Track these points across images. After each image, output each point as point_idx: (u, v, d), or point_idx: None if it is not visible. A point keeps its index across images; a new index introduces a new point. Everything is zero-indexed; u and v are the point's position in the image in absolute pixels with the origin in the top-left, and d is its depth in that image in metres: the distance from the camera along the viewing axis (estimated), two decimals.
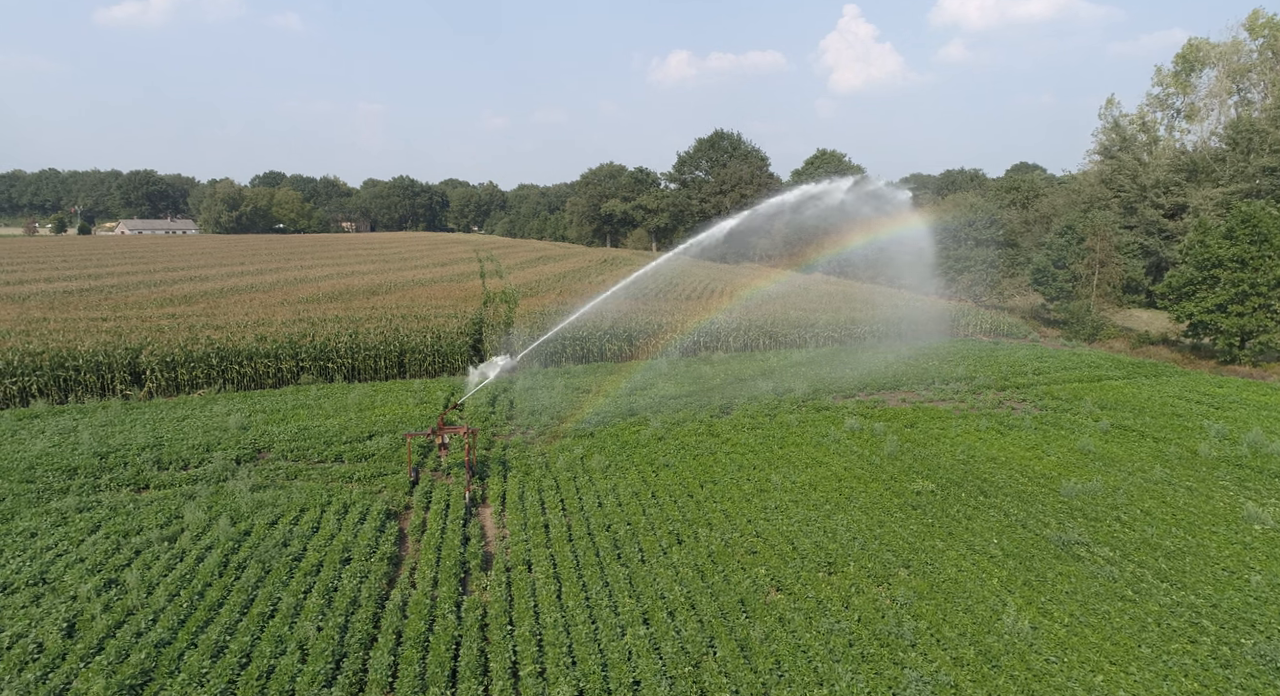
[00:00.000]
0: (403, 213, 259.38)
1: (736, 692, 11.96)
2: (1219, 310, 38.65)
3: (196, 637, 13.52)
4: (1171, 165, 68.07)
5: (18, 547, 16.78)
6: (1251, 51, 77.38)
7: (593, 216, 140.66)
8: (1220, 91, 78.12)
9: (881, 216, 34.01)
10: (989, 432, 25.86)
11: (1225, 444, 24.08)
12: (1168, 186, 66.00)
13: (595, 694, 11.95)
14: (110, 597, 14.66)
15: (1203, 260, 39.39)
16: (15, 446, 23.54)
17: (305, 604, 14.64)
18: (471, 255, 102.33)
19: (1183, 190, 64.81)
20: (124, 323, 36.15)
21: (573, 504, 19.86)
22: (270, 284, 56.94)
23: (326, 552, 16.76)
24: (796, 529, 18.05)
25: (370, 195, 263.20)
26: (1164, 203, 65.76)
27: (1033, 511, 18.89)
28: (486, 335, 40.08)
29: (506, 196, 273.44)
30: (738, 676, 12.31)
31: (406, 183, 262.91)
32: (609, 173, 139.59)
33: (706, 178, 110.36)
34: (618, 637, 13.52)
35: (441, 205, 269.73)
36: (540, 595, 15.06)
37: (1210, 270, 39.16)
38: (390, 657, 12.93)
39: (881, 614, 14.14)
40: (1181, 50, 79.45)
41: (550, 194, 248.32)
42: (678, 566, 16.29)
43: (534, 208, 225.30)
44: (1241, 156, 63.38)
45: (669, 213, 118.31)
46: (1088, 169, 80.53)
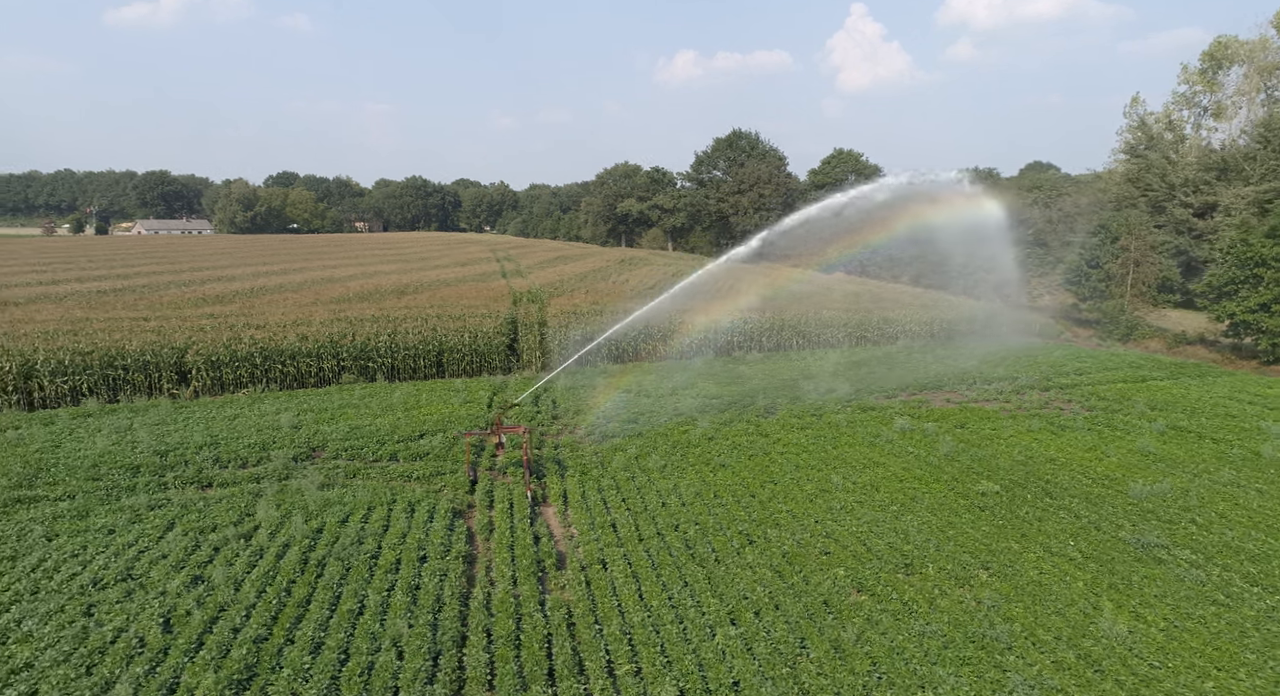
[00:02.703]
0: (415, 212, 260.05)
1: (838, 694, 11.87)
2: (1262, 309, 38.29)
3: (292, 633, 13.59)
4: (1200, 164, 67.54)
5: (100, 544, 16.91)
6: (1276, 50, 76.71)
7: (608, 216, 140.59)
8: (1248, 89, 77.35)
9: (943, 205, 33.49)
10: (1042, 433, 25.69)
11: None
12: (1197, 185, 65.48)
13: (696, 694, 11.90)
14: (200, 594, 14.76)
15: (1245, 259, 39.04)
16: (76, 444, 23.67)
17: (391, 601, 14.68)
18: (489, 255, 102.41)
19: (1213, 189, 64.28)
20: (165, 322, 36.27)
21: (635, 503, 19.82)
22: (298, 284, 57.11)
23: (402, 551, 16.78)
24: (866, 530, 17.95)
25: (383, 195, 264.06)
26: (1193, 202, 65.24)
27: (1104, 513, 18.73)
28: (522, 335, 40.06)
29: (518, 196, 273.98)
30: (837, 678, 12.23)
31: (419, 183, 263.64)
32: (624, 172, 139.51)
33: (724, 177, 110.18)
34: (708, 637, 13.47)
35: (454, 205, 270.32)
36: (622, 594, 15.03)
37: (1253, 269, 38.80)
38: (485, 655, 12.94)
39: (970, 616, 14.04)
40: (1209, 48, 78.69)
41: (562, 194, 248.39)
42: (753, 566, 16.23)
43: (546, 207, 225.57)
44: (1273, 155, 62.82)
45: (686, 212, 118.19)
46: (1113, 168, 80.00)
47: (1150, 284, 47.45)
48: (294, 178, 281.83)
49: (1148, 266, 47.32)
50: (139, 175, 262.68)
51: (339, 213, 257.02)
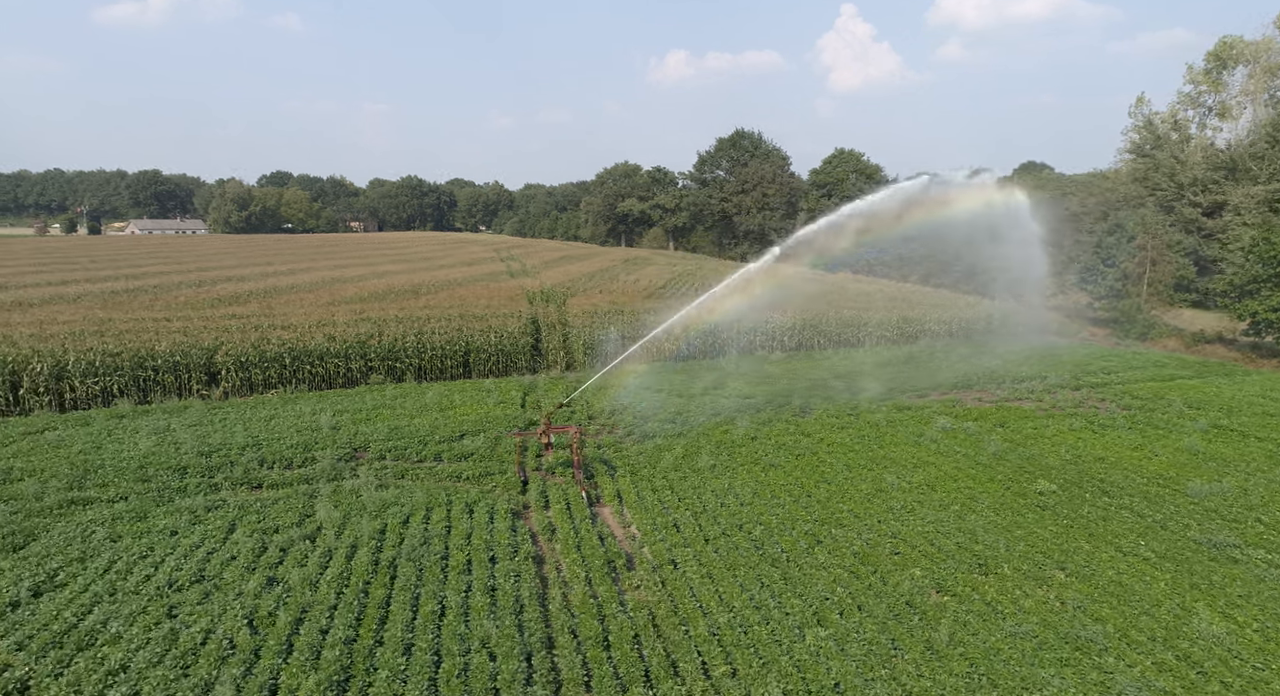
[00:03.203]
0: (411, 212, 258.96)
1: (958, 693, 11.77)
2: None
3: (380, 635, 13.49)
4: (1208, 163, 67.92)
5: (166, 546, 16.77)
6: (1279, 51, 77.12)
7: (608, 216, 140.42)
8: (1253, 89, 77.82)
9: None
10: (1085, 432, 25.69)
11: None
12: (1206, 184, 65.83)
13: (798, 695, 11.77)
14: (279, 595, 14.63)
15: (1269, 258, 39.21)
16: (118, 446, 23.39)
17: (471, 603, 14.58)
18: (493, 255, 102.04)
19: (1221, 188, 64.64)
20: (189, 323, 35.91)
21: (693, 503, 19.69)
22: (310, 284, 56.70)
23: (470, 552, 16.67)
24: (932, 530, 17.87)
25: (378, 195, 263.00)
26: (1202, 201, 65.59)
27: (1166, 512, 18.71)
28: (545, 335, 39.86)
29: (514, 196, 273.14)
30: (938, 679, 12.14)
31: (414, 182, 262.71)
32: (624, 172, 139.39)
33: (727, 177, 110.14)
34: (798, 638, 13.37)
35: (449, 204, 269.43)
36: (700, 595, 14.93)
37: (1277, 268, 38.97)
38: (578, 656, 12.88)
39: (1058, 616, 13.97)
40: (1214, 48, 79.00)
41: (557, 193, 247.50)
42: (827, 567, 16.13)
43: (543, 207, 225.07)
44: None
45: (689, 212, 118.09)
46: (1119, 167, 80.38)
47: (1167, 283, 47.64)
48: (288, 177, 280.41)
49: (1164, 265, 47.52)
50: (131, 175, 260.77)
51: (334, 212, 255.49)
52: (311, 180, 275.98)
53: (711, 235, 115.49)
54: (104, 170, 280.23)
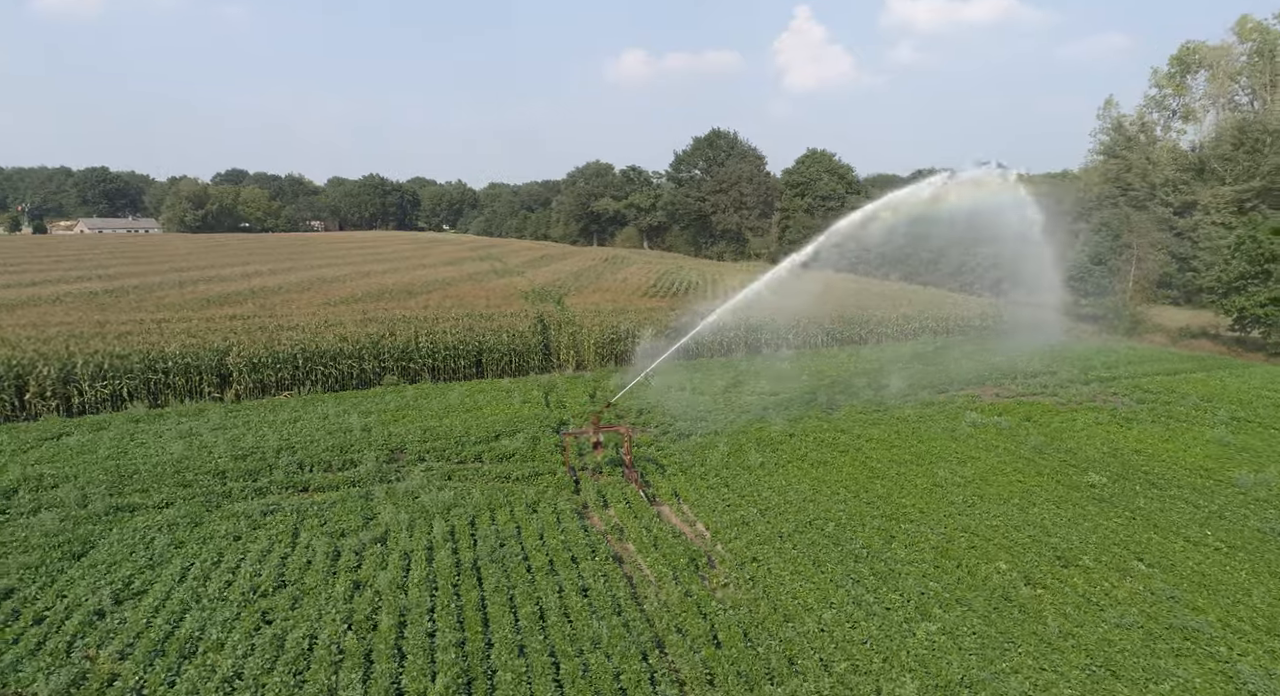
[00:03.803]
0: (374, 211, 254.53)
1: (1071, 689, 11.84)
2: (1273, 303, 39.82)
3: (488, 637, 13.32)
4: (1177, 164, 70.08)
5: (236, 551, 16.35)
6: (1240, 55, 79.97)
7: (580, 215, 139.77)
8: (1214, 93, 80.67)
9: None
10: (1111, 425, 26.24)
11: None
12: (1176, 185, 67.90)
13: (932, 690, 11.75)
14: (370, 598, 14.35)
15: (1256, 255, 40.56)
16: (145, 450, 22.57)
17: (568, 603, 14.42)
18: (470, 254, 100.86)
19: (1191, 189, 66.75)
20: (189, 324, 34.78)
21: (755, 500, 19.65)
22: (298, 283, 55.31)
23: (549, 553, 16.48)
24: (1001, 523, 18.06)
25: (340, 194, 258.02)
26: (1173, 201, 67.61)
27: (1219, 503, 19.19)
28: (553, 335, 39.43)
29: (478, 195, 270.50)
30: (1062, 672, 12.29)
31: (377, 181, 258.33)
32: (596, 171, 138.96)
33: (704, 176, 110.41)
34: (908, 633, 13.38)
35: (412, 204, 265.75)
36: (795, 590, 14.92)
37: (1264, 265, 40.34)
38: (694, 655, 12.77)
39: (1156, 607, 14.22)
40: (1177, 52, 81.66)
41: (522, 193, 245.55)
42: (910, 561, 16.19)
43: (510, 207, 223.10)
44: (1247, 156, 65.53)
45: (665, 211, 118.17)
46: (1090, 167, 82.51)
47: (1152, 280, 49.00)
48: (244, 175, 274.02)
49: (1150, 263, 48.87)
50: (78, 172, 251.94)
51: (293, 211, 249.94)
52: (269, 178, 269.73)
53: (687, 234, 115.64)
54: (46, 167, 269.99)
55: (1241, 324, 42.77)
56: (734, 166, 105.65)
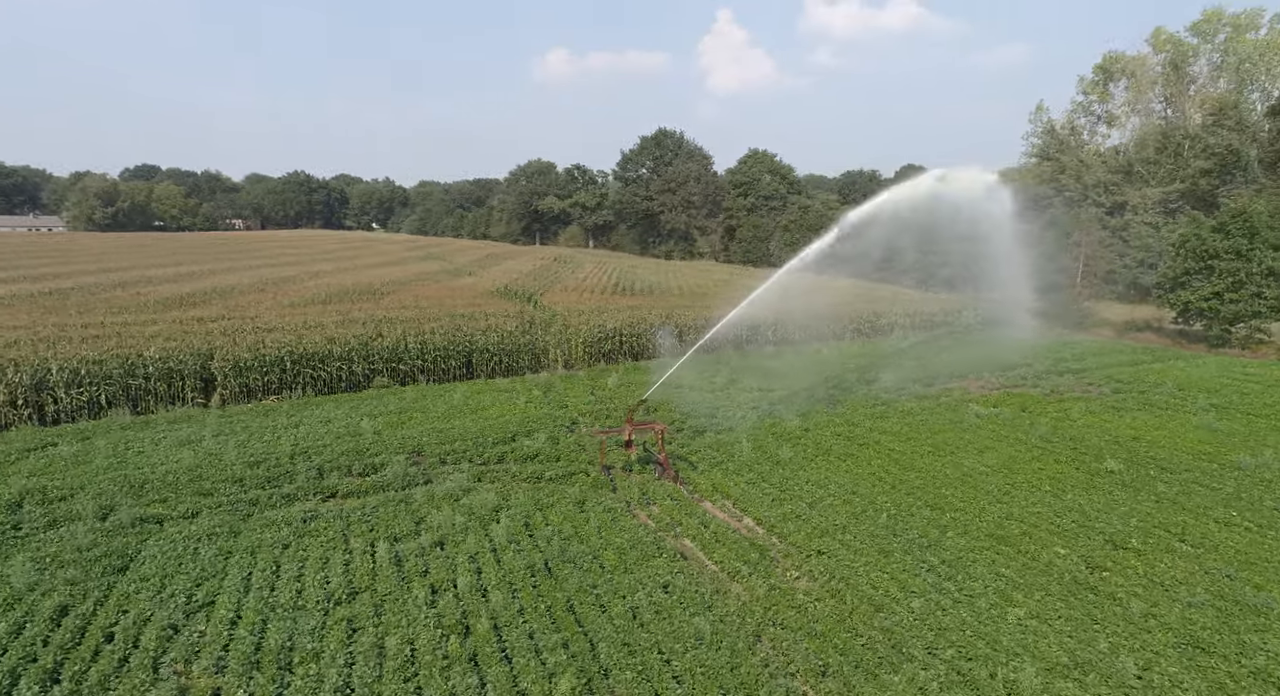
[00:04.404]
0: (299, 209, 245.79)
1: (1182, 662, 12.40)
2: (1215, 298, 42.48)
3: (589, 636, 13.21)
4: (1107, 167, 74.08)
5: (293, 559, 15.86)
6: (1156, 65, 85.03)
7: (522, 213, 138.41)
8: (1134, 101, 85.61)
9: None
10: (1104, 414, 27.52)
11: None
12: (1108, 186, 71.76)
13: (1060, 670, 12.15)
14: (453, 602, 14.14)
15: (1200, 252, 43.17)
16: (148, 459, 21.51)
17: (656, 600, 14.42)
18: (416, 253, 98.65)
19: (1121, 190, 70.66)
20: (157, 328, 32.93)
21: (796, 493, 19.88)
22: (250, 284, 52.93)
23: (617, 551, 16.37)
24: (1043, 509, 18.76)
25: (262, 191, 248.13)
26: (1105, 201, 71.44)
27: (1232, 485, 20.35)
28: (540, 335, 38.91)
29: (409, 193, 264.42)
30: (1160, 651, 12.85)
31: (302, 178, 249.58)
32: (538, 169, 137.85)
33: (651, 175, 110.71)
34: (1000, 618, 13.76)
35: (340, 202, 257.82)
36: (873, 581, 15.15)
37: (1207, 261, 42.97)
38: (799, 646, 12.96)
39: (1219, 585, 15.00)
40: (1101, 61, 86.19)
41: (454, 191, 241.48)
42: (971, 550, 16.66)
43: (444, 205, 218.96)
44: (1170, 159, 69.84)
45: (612, 210, 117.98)
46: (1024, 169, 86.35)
47: (1099, 276, 51.63)
48: (156, 171, 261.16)
49: (1097, 260, 51.47)
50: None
51: (212, 209, 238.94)
52: (184, 174, 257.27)
53: (634, 233, 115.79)
54: None
55: (1185, 317, 45.46)
56: (681, 166, 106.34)
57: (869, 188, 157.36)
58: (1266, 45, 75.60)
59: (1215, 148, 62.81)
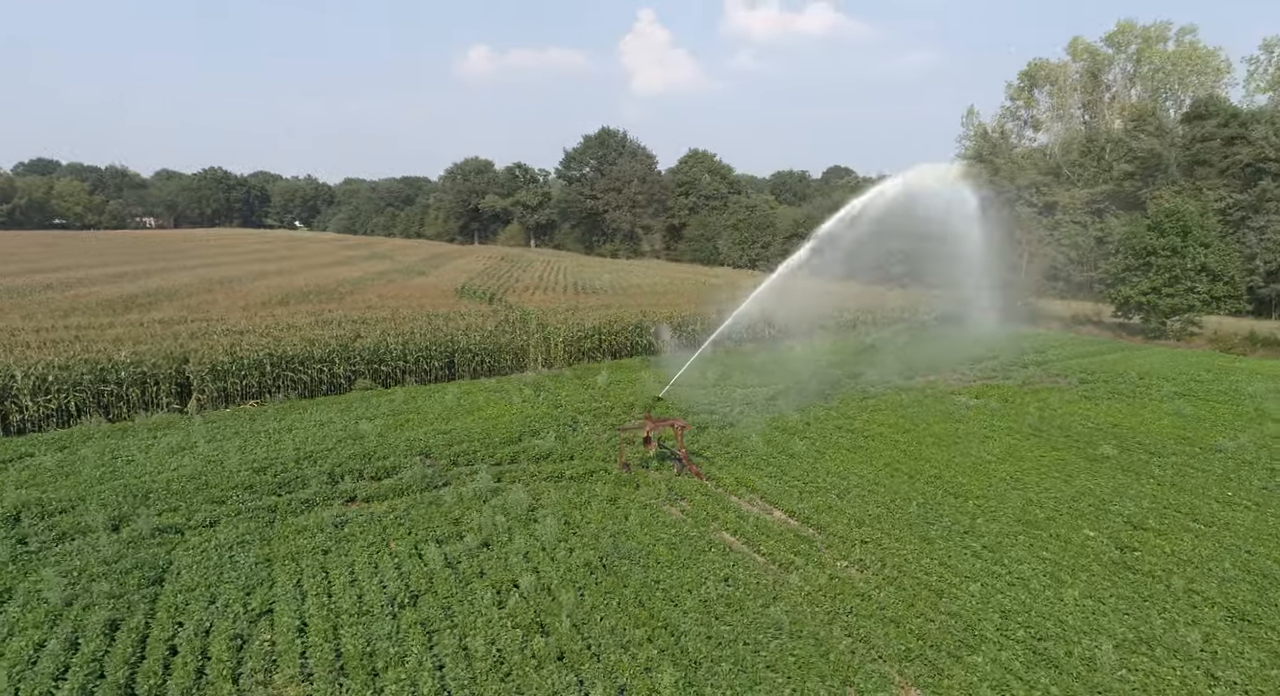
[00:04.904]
0: (216, 207, 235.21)
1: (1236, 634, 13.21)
2: (1154, 292, 45.20)
3: (672, 629, 13.25)
4: (1036, 169, 77.86)
5: (339, 566, 15.36)
6: (1075, 72, 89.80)
7: (460, 212, 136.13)
8: (1057, 106, 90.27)
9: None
10: (1082, 403, 28.97)
11: (1271, 402, 28.62)
12: (1039, 187, 75.40)
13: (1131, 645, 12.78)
14: (522, 602, 13.93)
15: (1139, 250, 45.84)
16: (141, 469, 20.55)
17: (726, 593, 14.55)
18: (355, 253, 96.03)
19: (1052, 191, 74.36)
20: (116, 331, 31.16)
21: (821, 485, 20.20)
22: (197, 285, 50.53)
23: (669, 547, 16.44)
24: (1058, 494, 19.62)
25: (176, 188, 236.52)
26: (1036, 202, 75.06)
27: (1219, 467, 21.65)
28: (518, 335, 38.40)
29: (334, 191, 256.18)
30: (1214, 623, 13.63)
31: (219, 174, 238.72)
32: (476, 168, 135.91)
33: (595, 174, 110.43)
34: (1057, 600, 14.33)
35: (260, 199, 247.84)
36: (926, 567, 15.57)
37: (1145, 258, 45.67)
38: (882, 632, 13.24)
39: (1244, 560, 15.95)
40: (1026, 68, 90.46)
41: (382, 189, 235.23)
42: (1006, 534, 17.27)
43: (373, 203, 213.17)
44: (1094, 163, 73.94)
45: (556, 209, 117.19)
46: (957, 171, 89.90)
47: (1043, 273, 54.22)
48: (55, 165, 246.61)
49: (1040, 258, 54.05)
50: None
51: (120, 206, 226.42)
52: (86, 169, 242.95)
53: (578, 232, 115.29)
54: None
55: (1124, 311, 48.20)
56: (625, 165, 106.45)
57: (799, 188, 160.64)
58: (1177, 57, 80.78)
59: (1138, 151, 66.67)
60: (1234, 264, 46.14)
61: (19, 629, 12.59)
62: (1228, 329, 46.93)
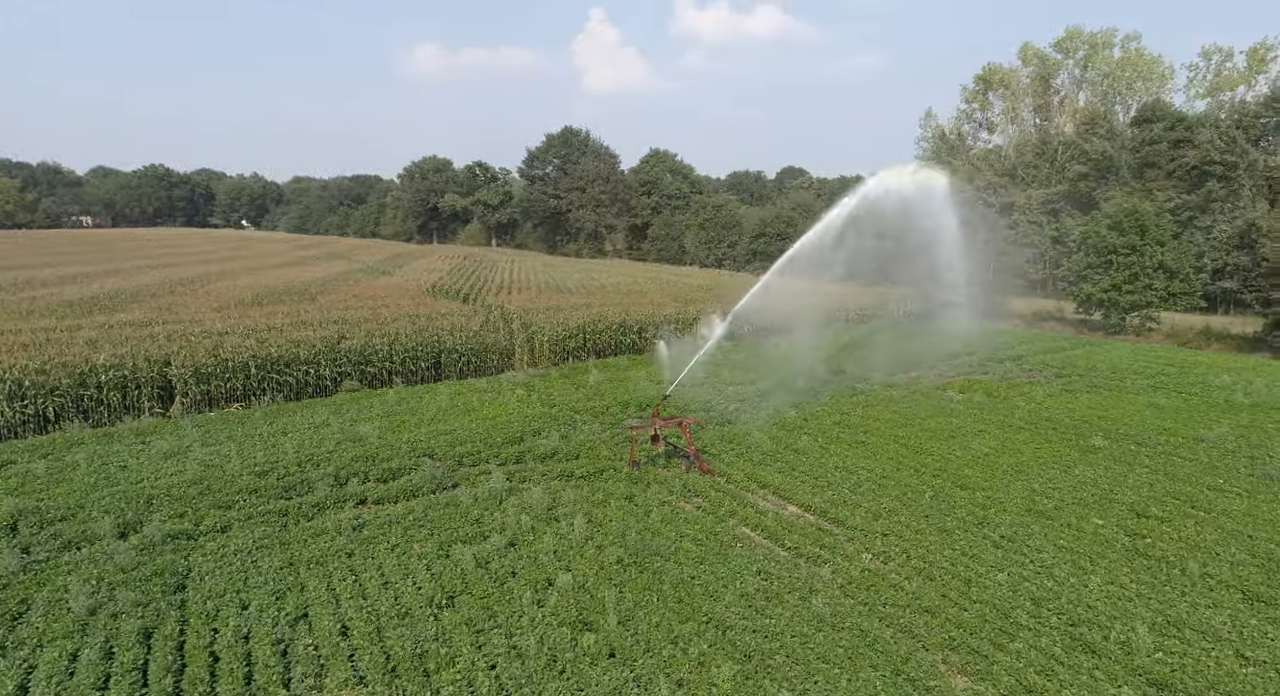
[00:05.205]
0: (158, 206, 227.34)
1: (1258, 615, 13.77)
2: (1114, 289, 46.86)
3: (717, 620, 13.38)
4: (993, 170, 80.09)
5: (365, 567, 15.22)
6: (1025, 77, 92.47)
7: (419, 211, 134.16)
8: (1010, 110, 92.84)
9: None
10: (1063, 397, 29.86)
11: (1239, 393, 29.90)
12: (996, 188, 77.55)
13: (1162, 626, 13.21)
14: (562, 600, 13.94)
15: (1100, 248, 47.47)
16: (137, 474, 20.04)
17: (763, 587, 14.70)
18: (312, 253, 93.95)
19: (1009, 192, 76.57)
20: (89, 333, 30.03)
21: (831, 480, 20.43)
22: (159, 286, 48.84)
23: (696, 542, 16.56)
24: (1061, 484, 20.19)
25: (114, 186, 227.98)
26: (994, 202, 77.19)
27: (1203, 456, 22.51)
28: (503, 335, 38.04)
29: (282, 190, 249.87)
30: (1233, 604, 14.19)
31: (161, 172, 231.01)
32: (435, 166, 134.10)
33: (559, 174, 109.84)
34: (1082, 586, 14.77)
35: (205, 198, 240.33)
36: (950, 558, 15.87)
37: (1106, 256, 47.31)
38: (921, 621, 13.52)
39: (1249, 544, 16.61)
40: (981, 72, 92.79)
41: (333, 187, 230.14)
42: (1020, 524, 17.70)
43: (325, 202, 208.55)
44: (1048, 164, 76.41)
45: (519, 208, 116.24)
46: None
47: (1007, 271, 55.75)
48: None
49: (1006, 257, 55.56)
50: None
51: (54, 204, 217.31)
52: (16, 166, 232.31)
53: (540, 232, 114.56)
54: None
55: (1087, 307, 49.87)
56: (588, 164, 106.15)
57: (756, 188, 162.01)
58: (1124, 63, 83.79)
59: (1091, 153, 69.02)
60: (1189, 262, 48.07)
61: (48, 639, 12.17)
62: (1183, 324, 48.97)
